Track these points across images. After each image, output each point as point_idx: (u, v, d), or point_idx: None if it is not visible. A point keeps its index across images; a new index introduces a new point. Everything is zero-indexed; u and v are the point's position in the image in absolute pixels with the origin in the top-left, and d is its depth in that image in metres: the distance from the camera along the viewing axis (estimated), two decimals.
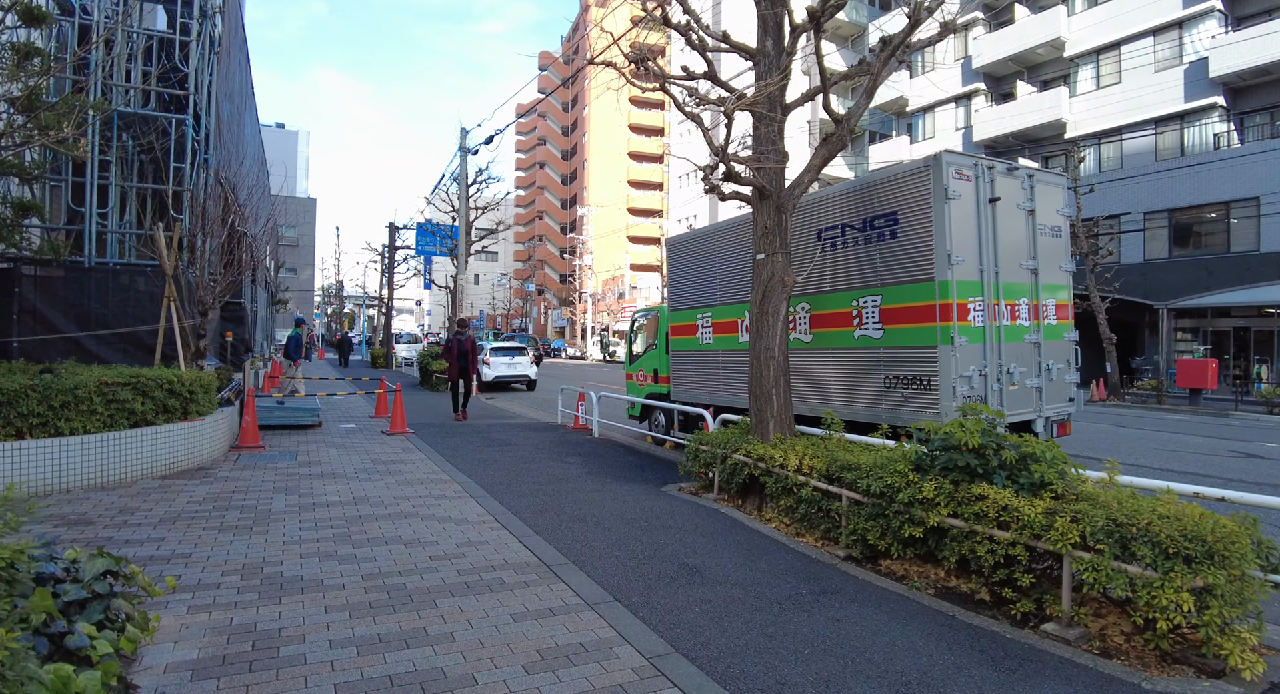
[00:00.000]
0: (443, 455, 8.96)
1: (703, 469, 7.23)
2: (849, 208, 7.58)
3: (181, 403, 7.71)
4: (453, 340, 13.29)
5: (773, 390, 6.66)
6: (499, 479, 7.57)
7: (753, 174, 6.85)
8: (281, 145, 70.20)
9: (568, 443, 10.46)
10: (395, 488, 6.94)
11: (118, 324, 8.89)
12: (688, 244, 10.26)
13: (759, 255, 6.89)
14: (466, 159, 21.60)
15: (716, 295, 9.50)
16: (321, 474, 7.53)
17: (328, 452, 8.98)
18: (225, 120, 13.00)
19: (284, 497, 6.44)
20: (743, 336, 9.01)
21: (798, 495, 5.93)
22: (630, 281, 58.38)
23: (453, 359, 13.03)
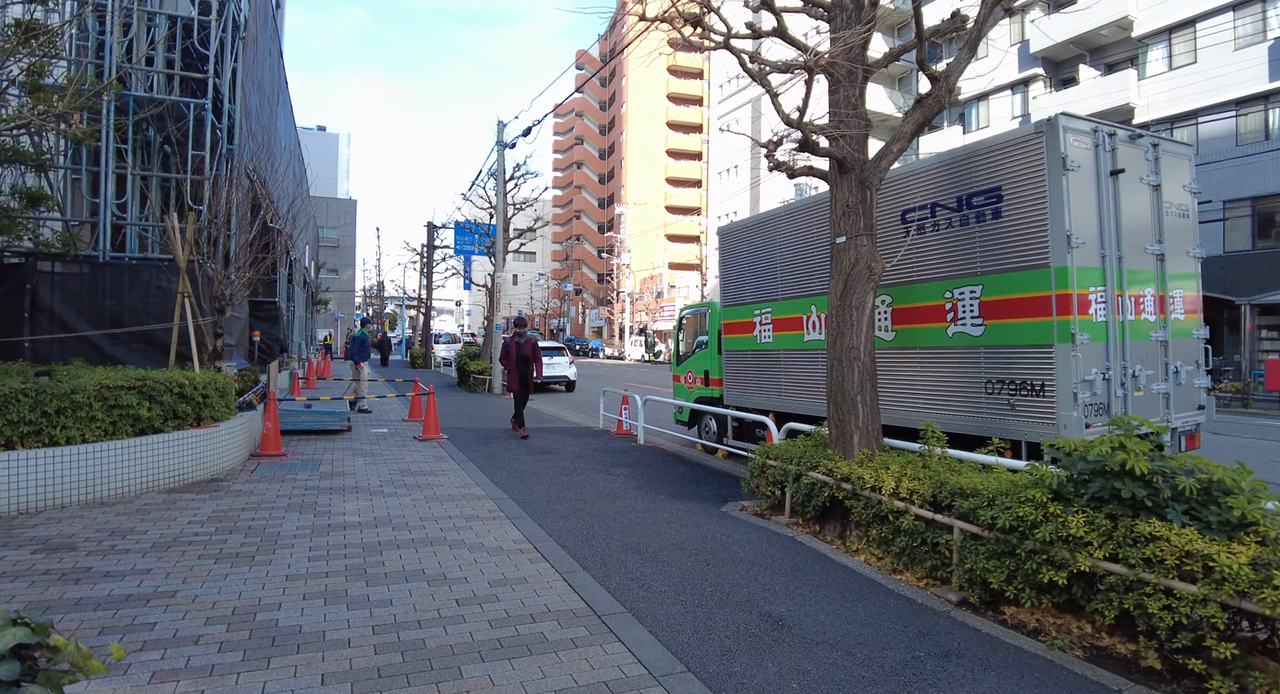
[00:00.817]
0: (477, 465, 8.17)
1: (771, 488, 6.29)
2: (940, 184, 6.56)
3: (194, 408, 7.05)
4: (510, 343, 11.15)
5: (858, 397, 5.69)
6: (538, 495, 6.73)
7: (831, 144, 5.89)
8: (322, 147, 71.03)
9: (612, 451, 9.60)
10: (422, 506, 6.15)
11: (134, 322, 8.29)
12: (743, 233, 9.31)
13: (839, 239, 5.92)
14: (504, 154, 20.93)
15: (777, 289, 8.54)
16: (343, 488, 6.79)
17: (353, 461, 8.26)
18: (254, 112, 12.45)
19: (297, 516, 5.69)
20: (809, 334, 8.04)
21: (894, 524, 4.96)
22: (668, 280, 57.45)
23: (511, 365, 11.09)
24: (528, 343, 11.17)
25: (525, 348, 11.11)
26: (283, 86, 18.85)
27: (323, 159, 69.80)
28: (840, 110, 6.04)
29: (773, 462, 6.26)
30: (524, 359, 11.07)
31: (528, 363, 11.08)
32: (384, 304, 67.89)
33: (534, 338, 11.23)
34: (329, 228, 61.71)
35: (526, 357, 11.08)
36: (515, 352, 11.05)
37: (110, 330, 8.22)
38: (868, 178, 5.91)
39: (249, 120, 11.79)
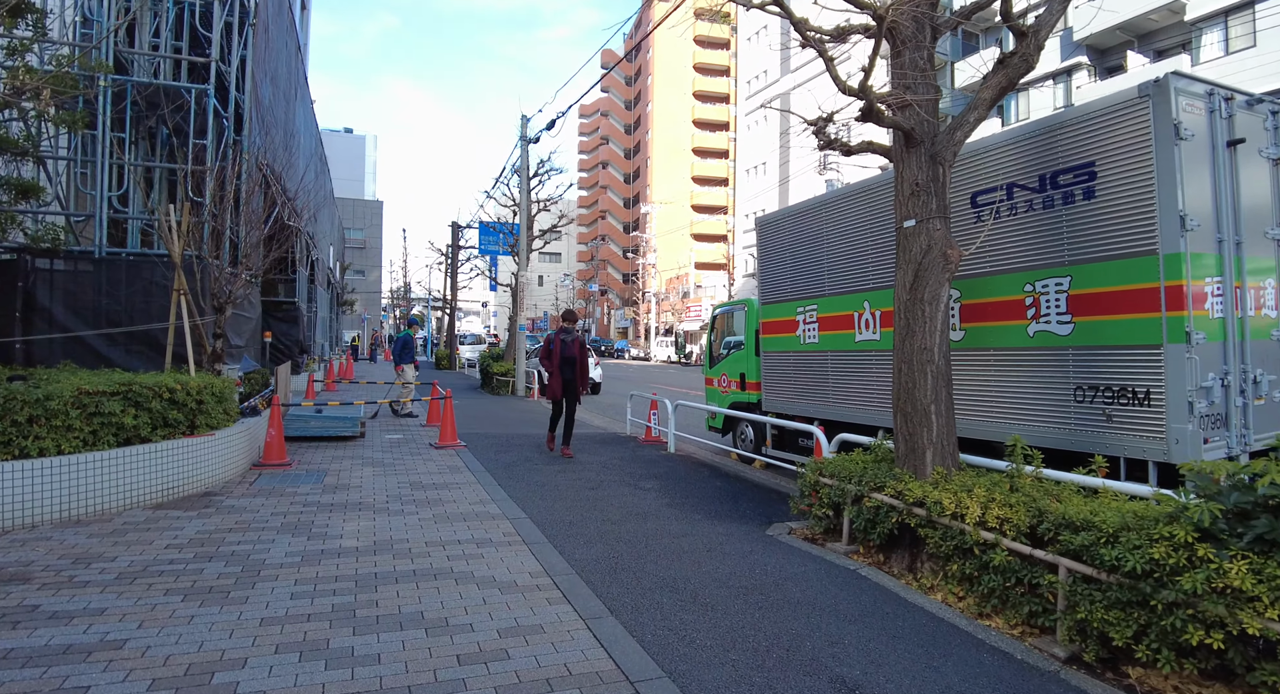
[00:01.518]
0: (494, 477, 7.48)
1: (825, 510, 5.50)
2: (1017, 162, 5.73)
3: (187, 415, 6.45)
4: (554, 341, 9.23)
5: (931, 407, 4.89)
6: (559, 514, 6.02)
7: (897, 114, 5.10)
8: (349, 150, 71.29)
9: (640, 460, 8.87)
10: (430, 526, 5.47)
11: (133, 322, 7.77)
12: (785, 223, 8.51)
13: (907, 223, 5.13)
14: (527, 149, 20.32)
15: (824, 284, 7.74)
16: (345, 504, 6.14)
17: (361, 471, 7.63)
18: (267, 104, 11.95)
19: (289, 539, 5.04)
20: (861, 334, 7.23)
21: (981, 559, 4.17)
22: (695, 280, 56.63)
23: (554, 367, 9.10)
24: (575, 341, 9.27)
25: (572, 347, 9.19)
26: (302, 83, 18.43)
27: (349, 161, 70.04)
28: (906, 75, 5.24)
29: (827, 480, 5.48)
30: (569, 360, 9.15)
31: (574, 365, 9.16)
32: (410, 305, 67.87)
33: (582, 337, 9.18)
34: (355, 229, 61.87)
35: (573, 357, 9.15)
36: (559, 351, 9.13)
37: (106, 331, 7.70)
38: (940, 152, 5.10)
39: (261, 112, 11.28)
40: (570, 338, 9.28)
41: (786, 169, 43.66)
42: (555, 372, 9.11)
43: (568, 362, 9.16)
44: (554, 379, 9.11)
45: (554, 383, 9.12)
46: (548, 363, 9.27)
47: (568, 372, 9.14)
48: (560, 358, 9.13)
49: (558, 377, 9.08)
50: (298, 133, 17.37)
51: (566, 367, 9.14)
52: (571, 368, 9.15)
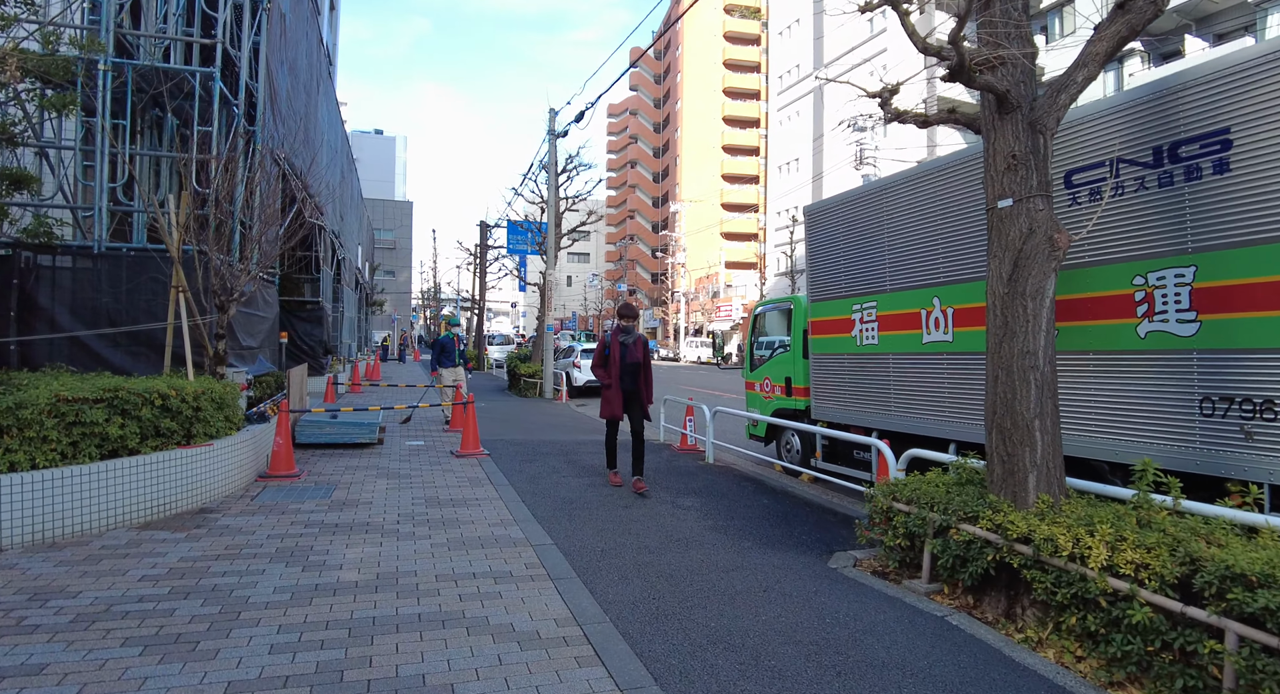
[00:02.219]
0: (517, 491, 6.80)
1: (900, 540, 4.71)
2: (1125, 133, 4.88)
3: (182, 423, 5.87)
4: (611, 342, 7.21)
5: (1035, 422, 4.08)
6: (589, 538, 5.31)
7: (988, 74, 4.29)
8: (379, 151, 71.66)
9: (677, 471, 8.13)
10: (443, 554, 4.79)
11: (135, 322, 7.25)
12: (839, 211, 7.70)
13: (1001, 203, 4.32)
14: (555, 144, 19.70)
15: (885, 279, 6.92)
16: (351, 524, 5.49)
17: (375, 484, 7.00)
18: (283, 95, 11.45)
19: (281, 570, 4.39)
20: (930, 334, 6.41)
21: (1111, 614, 3.36)
22: (725, 280, 55.68)
23: (613, 377, 7.12)
24: (638, 344, 7.24)
25: (635, 351, 7.18)
26: (325, 78, 18.01)
27: (380, 163, 70.36)
28: (996, 28, 4.42)
29: (902, 506, 4.69)
30: (632, 368, 7.14)
31: (638, 374, 7.17)
32: (440, 306, 67.91)
33: (645, 338, 7.38)
34: (385, 230, 62.02)
35: (637, 364, 7.16)
36: (619, 356, 7.12)
37: (103, 331, 7.18)
38: (1040, 118, 4.29)
39: (277, 103, 10.77)
40: (632, 339, 7.21)
41: (820, 164, 42.57)
42: (615, 384, 7.09)
43: (630, 370, 7.15)
44: (613, 393, 7.11)
45: (613, 398, 7.12)
46: (603, 372, 7.19)
47: (629, 382, 7.15)
48: (621, 366, 7.09)
49: (617, 390, 7.10)
50: (321, 128, 16.95)
51: (628, 376, 7.14)
52: (634, 377, 7.16)
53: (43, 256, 7.60)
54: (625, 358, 7.15)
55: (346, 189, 24.32)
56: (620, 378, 7.13)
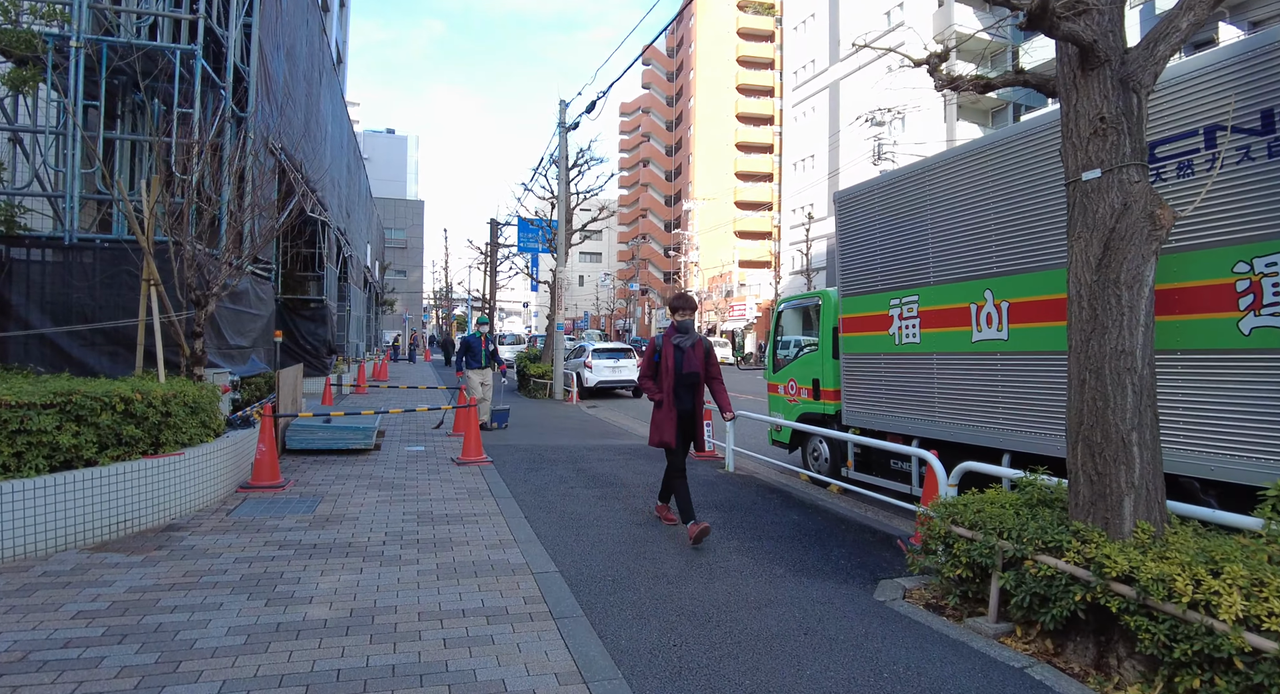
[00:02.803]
0: (520, 505, 6.18)
1: (961, 569, 4.03)
2: (1225, 96, 4.18)
3: (149, 430, 5.29)
4: (662, 345, 5.56)
5: (1133, 435, 3.39)
6: (599, 564, 4.67)
7: (1072, 23, 3.61)
8: (391, 150, 71.45)
9: (695, 481, 7.47)
10: (430, 584, 4.17)
11: (109, 318, 6.69)
12: (874, 196, 7.01)
13: (1087, 174, 3.64)
14: (566, 137, 19.08)
15: (928, 270, 6.24)
16: (332, 545, 4.89)
17: (365, 496, 6.40)
18: (280, 82, 10.90)
19: (241, 604, 3.78)
20: (981, 332, 5.72)
21: (1251, 680, 2.68)
22: (738, 279, 54.91)
23: (665, 390, 5.44)
24: (698, 349, 5.54)
25: (694, 358, 5.50)
26: (329, 71, 17.49)
27: (391, 162, 70.16)
28: None
29: (963, 530, 4.01)
30: (689, 380, 5.49)
31: (696, 388, 5.55)
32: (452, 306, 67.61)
33: (706, 341, 5.70)
34: (396, 229, 61.74)
35: (696, 375, 5.51)
36: (675, 363, 5.46)
37: (75, 327, 6.62)
38: (1134, 73, 3.60)
39: (272, 89, 10.21)
40: (689, 342, 5.51)
41: (836, 160, 41.75)
42: (667, 400, 5.38)
43: (687, 384, 5.46)
44: (664, 414, 5.38)
45: (664, 420, 5.38)
46: (652, 385, 5.53)
47: (685, 400, 5.47)
48: (676, 377, 5.41)
49: (670, 409, 5.37)
50: (324, 122, 16.42)
51: (684, 391, 5.46)
52: (693, 392, 5.51)
53: (16, 250, 7.06)
54: (681, 367, 5.47)
55: (353, 186, 23.84)
56: (674, 393, 5.42)
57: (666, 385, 5.42)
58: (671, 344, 5.52)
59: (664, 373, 5.45)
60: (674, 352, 5.49)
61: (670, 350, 5.49)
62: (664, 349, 5.51)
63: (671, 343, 5.52)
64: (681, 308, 5.59)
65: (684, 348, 5.52)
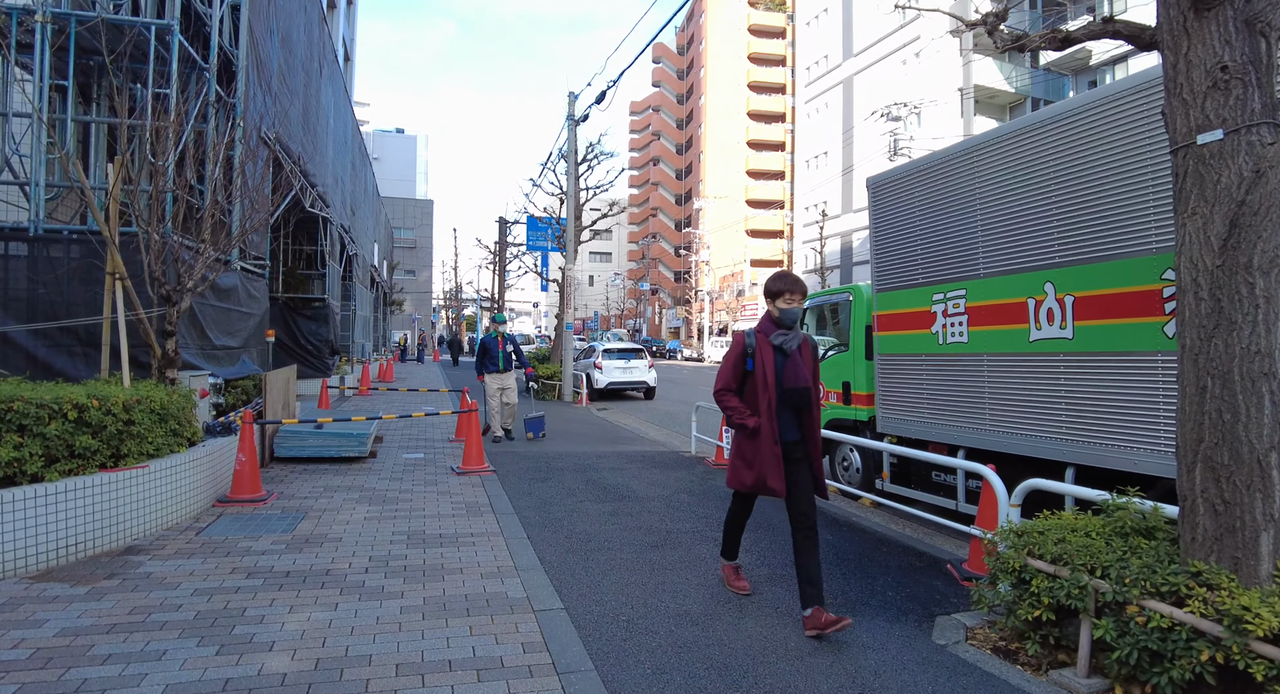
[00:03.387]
0: (523, 523, 5.58)
1: (1040, 610, 3.39)
2: None
3: (107, 440, 4.73)
4: (753, 343, 3.91)
5: (1270, 456, 2.75)
6: (612, 599, 4.06)
7: None
8: (400, 149, 71.18)
9: (715, 494, 6.86)
10: (415, 625, 3.57)
11: (74, 315, 6.16)
12: (913, 181, 6.36)
13: (1204, 137, 3.00)
14: (575, 130, 18.50)
15: (977, 261, 5.59)
16: (308, 573, 4.30)
17: (353, 511, 5.82)
18: (274, 69, 10.37)
19: (188, 652, 3.20)
20: (1040, 330, 5.06)
21: None
22: (750, 278, 54.21)
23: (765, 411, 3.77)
24: (805, 351, 3.96)
25: (800, 366, 3.89)
26: (330, 63, 16.98)
27: (401, 161, 69.83)
28: None
29: (1043, 563, 3.37)
30: (797, 397, 3.86)
31: (806, 408, 3.90)
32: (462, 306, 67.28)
33: (811, 340, 4.09)
34: (405, 229, 61.38)
35: (805, 392, 3.88)
36: (776, 373, 3.84)
37: (39, 326, 6.08)
38: (1262, 13, 2.96)
39: (264, 75, 9.67)
40: (794, 343, 3.89)
41: (851, 157, 40.99)
42: (767, 425, 3.76)
43: (794, 401, 3.85)
44: (761, 446, 3.76)
45: (759, 454, 3.77)
46: (737, 402, 3.92)
47: (790, 427, 3.87)
48: (778, 393, 3.81)
49: (770, 439, 3.75)
50: (325, 115, 15.91)
51: (790, 412, 3.87)
52: (800, 415, 3.90)
53: None
54: (784, 379, 3.79)
55: (358, 183, 23.36)
56: (777, 416, 3.77)
57: (765, 404, 3.76)
58: (770, 345, 3.86)
59: (759, 387, 3.80)
60: (774, 356, 3.85)
61: (769, 354, 3.83)
62: (760, 352, 3.84)
63: (771, 343, 3.86)
64: (786, 291, 3.89)
65: (788, 350, 3.86)
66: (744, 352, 3.95)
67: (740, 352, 3.98)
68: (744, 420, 3.86)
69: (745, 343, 3.97)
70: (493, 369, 10.12)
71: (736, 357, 3.99)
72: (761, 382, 3.83)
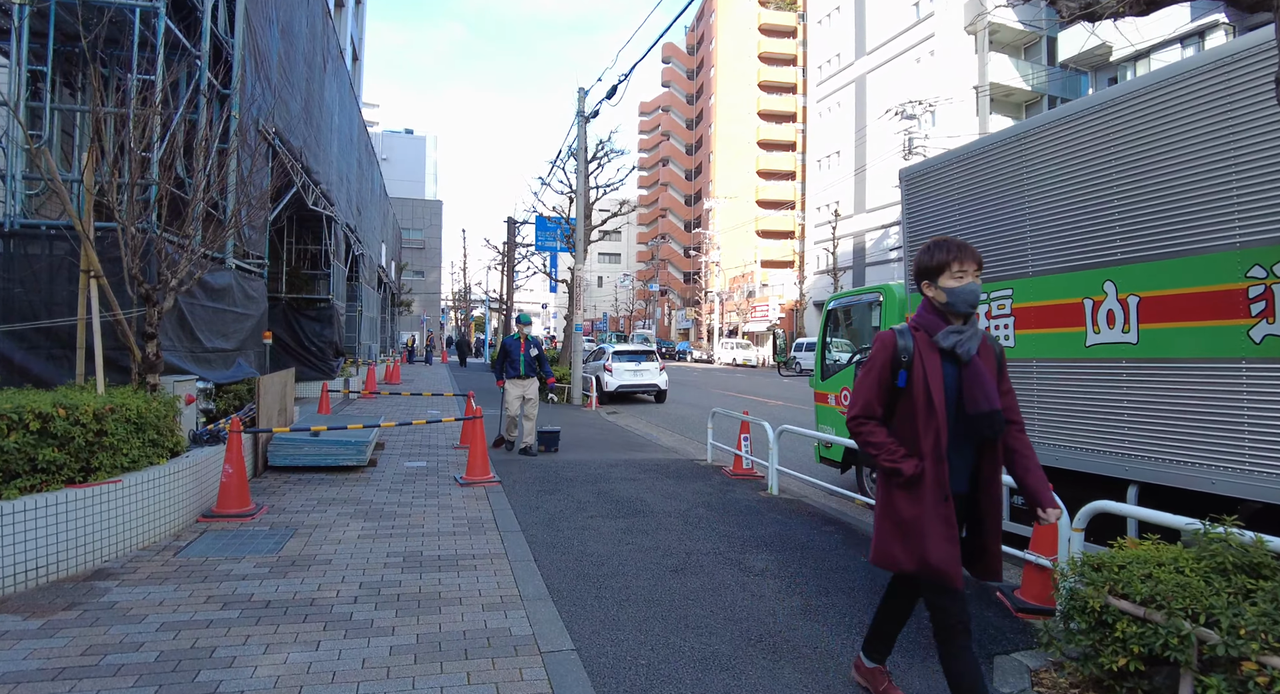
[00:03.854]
0: (530, 545, 5.14)
1: (1126, 658, 2.92)
2: None
3: (75, 453, 4.33)
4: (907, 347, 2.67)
5: None
6: (630, 637, 3.61)
7: None
8: (409, 150, 71.03)
9: (735, 509, 6.40)
10: (404, 670, 3.14)
11: (56, 316, 5.77)
12: (953, 171, 5.88)
13: None
14: (585, 127, 18.08)
15: (1026, 258, 5.12)
16: (290, 602, 3.87)
17: (346, 528, 5.40)
18: (273, 59, 9.99)
19: None
20: (1100, 333, 4.58)
21: None
22: (760, 279, 53.67)
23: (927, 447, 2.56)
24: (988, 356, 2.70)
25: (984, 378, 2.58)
26: (335, 58, 16.63)
27: (409, 162, 69.67)
28: None
29: (1130, 605, 2.90)
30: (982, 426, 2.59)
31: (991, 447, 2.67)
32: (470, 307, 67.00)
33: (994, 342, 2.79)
34: (414, 230, 61.19)
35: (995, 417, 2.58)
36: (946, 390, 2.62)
37: (13, 327, 5.68)
38: None
39: (262, 66, 9.29)
40: (972, 344, 2.63)
41: (863, 156, 40.43)
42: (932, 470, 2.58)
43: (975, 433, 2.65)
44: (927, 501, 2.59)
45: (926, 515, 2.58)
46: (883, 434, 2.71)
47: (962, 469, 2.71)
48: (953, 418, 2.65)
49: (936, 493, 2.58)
50: (329, 110, 15.55)
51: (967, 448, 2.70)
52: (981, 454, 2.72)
53: None
54: (964, 399, 2.63)
55: (365, 182, 23.03)
56: (947, 459, 2.61)
57: (930, 439, 2.58)
58: (937, 348, 2.65)
59: (919, 412, 2.61)
60: (941, 365, 2.64)
61: (935, 362, 2.63)
62: (921, 360, 2.64)
63: (937, 346, 2.64)
64: (953, 262, 2.63)
65: (965, 356, 2.61)
66: (893, 360, 2.68)
67: (887, 360, 2.69)
68: (895, 462, 2.59)
69: (896, 346, 2.68)
70: (513, 374, 9.16)
71: (882, 366, 2.70)
72: (923, 404, 2.59)
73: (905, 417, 2.70)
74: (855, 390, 2.83)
